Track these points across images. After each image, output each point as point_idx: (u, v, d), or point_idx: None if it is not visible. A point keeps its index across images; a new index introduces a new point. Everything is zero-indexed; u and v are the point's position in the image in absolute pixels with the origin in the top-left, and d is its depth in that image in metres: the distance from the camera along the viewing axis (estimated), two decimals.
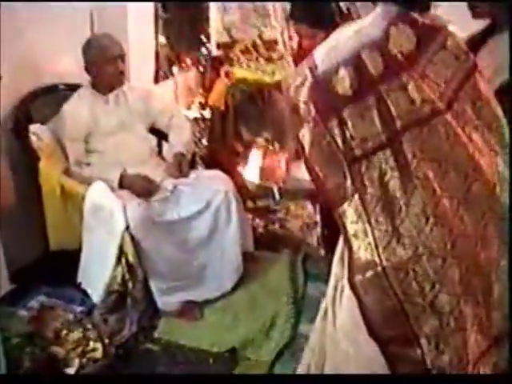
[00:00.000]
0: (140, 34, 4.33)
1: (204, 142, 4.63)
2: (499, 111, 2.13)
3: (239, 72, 4.74)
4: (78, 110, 3.68)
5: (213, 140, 4.69)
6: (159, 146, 4.10)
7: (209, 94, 4.78)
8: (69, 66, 3.99)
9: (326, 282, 3.78)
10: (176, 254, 3.59)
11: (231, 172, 4.42)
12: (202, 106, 4.68)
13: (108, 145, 3.72)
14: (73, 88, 3.88)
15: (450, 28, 2.73)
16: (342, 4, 3.27)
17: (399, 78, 1.97)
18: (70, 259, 3.48)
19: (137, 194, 3.58)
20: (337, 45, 2.05)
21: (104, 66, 3.65)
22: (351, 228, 2.00)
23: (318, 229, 4.51)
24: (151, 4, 4.43)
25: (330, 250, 3.93)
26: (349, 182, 1.98)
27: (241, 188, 3.90)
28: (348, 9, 2.80)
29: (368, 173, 1.97)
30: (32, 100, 3.74)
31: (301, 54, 3.85)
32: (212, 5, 4.83)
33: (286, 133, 4.92)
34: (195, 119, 4.58)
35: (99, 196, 3.44)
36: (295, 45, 4.87)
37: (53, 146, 3.63)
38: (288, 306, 3.65)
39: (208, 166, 4.50)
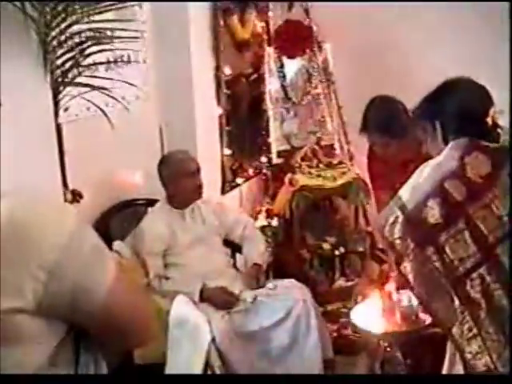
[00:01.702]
0: (207, 148, 4.46)
1: (270, 250, 4.65)
2: None
3: (302, 179, 4.82)
4: (156, 225, 3.77)
5: (279, 248, 4.73)
6: (233, 257, 4.17)
7: (273, 201, 4.86)
8: (141, 181, 4.11)
9: None
10: (259, 364, 3.60)
11: (299, 279, 4.46)
12: (269, 215, 4.75)
13: (186, 259, 3.80)
14: (149, 203, 4.00)
15: None
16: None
17: (482, 198, 2.11)
18: (153, 373, 3.50)
19: (218, 306, 3.62)
20: (419, 183, 2.20)
21: (183, 181, 3.77)
22: (467, 347, 2.06)
23: None
24: (216, 116, 4.57)
25: (408, 355, 3.93)
26: (457, 302, 2.08)
27: None
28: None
29: (473, 290, 2.06)
30: (111, 216, 3.85)
31: (372, 157, 3.92)
32: (271, 114, 4.97)
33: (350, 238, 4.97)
34: (262, 228, 4.63)
35: (184, 310, 3.49)
36: (353, 148, 5.02)
37: (133, 261, 3.70)
38: None
39: (276, 275, 4.54)
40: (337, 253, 4.89)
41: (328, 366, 3.87)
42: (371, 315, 3.48)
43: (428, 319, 3.18)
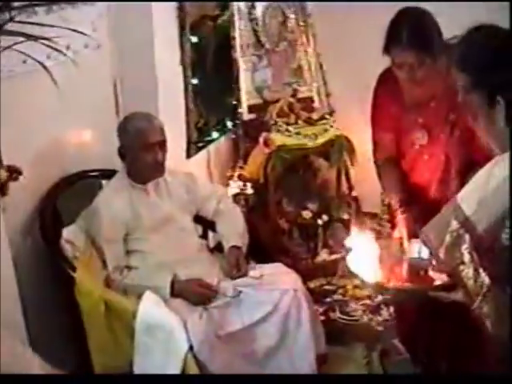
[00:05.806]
0: (170, 104, 3.78)
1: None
2: None
3: (279, 138, 4.19)
4: (114, 203, 3.12)
5: (253, 218, 4.09)
6: (205, 236, 3.54)
7: (245, 164, 4.23)
8: (94, 149, 3.44)
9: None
10: (243, 369, 3.02)
11: (279, 255, 3.90)
12: (242, 180, 4.11)
13: (152, 244, 3.17)
14: (103, 175, 3.35)
15: None
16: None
17: None
18: None
19: (193, 302, 3.02)
20: (489, 195, 1.64)
21: (140, 154, 3.12)
22: None
23: (385, 313, 3.97)
24: (180, 67, 3.88)
25: (411, 348, 3.39)
26: None
27: None
28: None
29: None
30: (58, 193, 3.19)
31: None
32: (241, 63, 4.29)
33: (333, 204, 4.40)
34: (235, 196, 4.01)
35: (154, 312, 2.87)
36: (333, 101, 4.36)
37: (88, 251, 3.07)
38: None
39: (250, 249, 3.90)
40: (320, 222, 4.31)
41: (321, 361, 3.31)
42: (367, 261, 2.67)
43: (440, 279, 2.29)
